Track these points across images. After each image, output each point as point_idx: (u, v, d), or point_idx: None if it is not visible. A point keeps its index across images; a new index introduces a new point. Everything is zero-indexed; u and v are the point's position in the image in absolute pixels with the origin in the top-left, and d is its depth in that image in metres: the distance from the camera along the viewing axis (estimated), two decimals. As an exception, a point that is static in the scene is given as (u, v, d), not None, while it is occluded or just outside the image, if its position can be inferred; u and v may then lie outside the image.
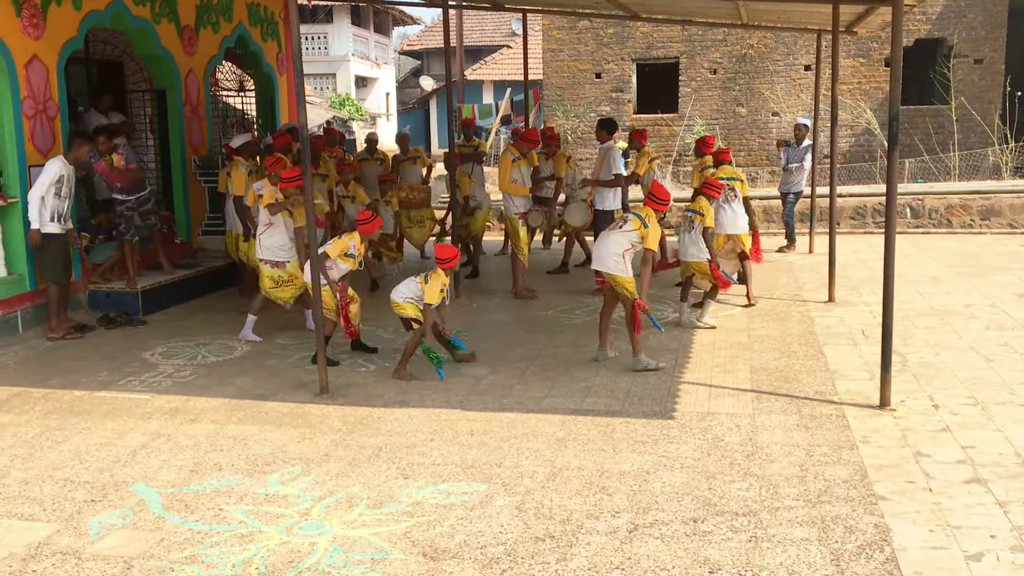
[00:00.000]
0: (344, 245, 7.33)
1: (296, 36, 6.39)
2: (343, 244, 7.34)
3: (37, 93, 8.97)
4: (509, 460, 5.30)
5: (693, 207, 8.50)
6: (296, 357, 7.78)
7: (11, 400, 6.73)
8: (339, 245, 7.34)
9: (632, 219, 7.09)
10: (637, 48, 21.48)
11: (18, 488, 5.09)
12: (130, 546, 4.34)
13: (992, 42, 19.86)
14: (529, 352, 7.74)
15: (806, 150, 12.54)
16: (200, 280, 10.55)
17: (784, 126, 20.23)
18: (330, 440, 5.72)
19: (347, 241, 7.35)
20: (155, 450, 5.63)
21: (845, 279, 10.33)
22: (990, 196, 14.33)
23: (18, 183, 8.76)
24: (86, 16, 9.59)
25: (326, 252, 7.24)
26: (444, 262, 7.08)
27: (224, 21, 12.16)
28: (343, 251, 7.31)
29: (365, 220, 7.37)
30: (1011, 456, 5.17)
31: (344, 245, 7.33)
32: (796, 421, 5.82)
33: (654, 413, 6.05)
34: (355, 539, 4.36)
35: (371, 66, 37.88)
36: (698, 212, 8.41)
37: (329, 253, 7.25)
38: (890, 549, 4.10)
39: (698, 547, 4.17)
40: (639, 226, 7.01)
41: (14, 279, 8.81)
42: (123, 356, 7.94)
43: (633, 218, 7.09)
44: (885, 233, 5.99)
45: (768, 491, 4.76)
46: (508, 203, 10.05)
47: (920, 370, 6.91)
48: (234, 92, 13.93)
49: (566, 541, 4.27)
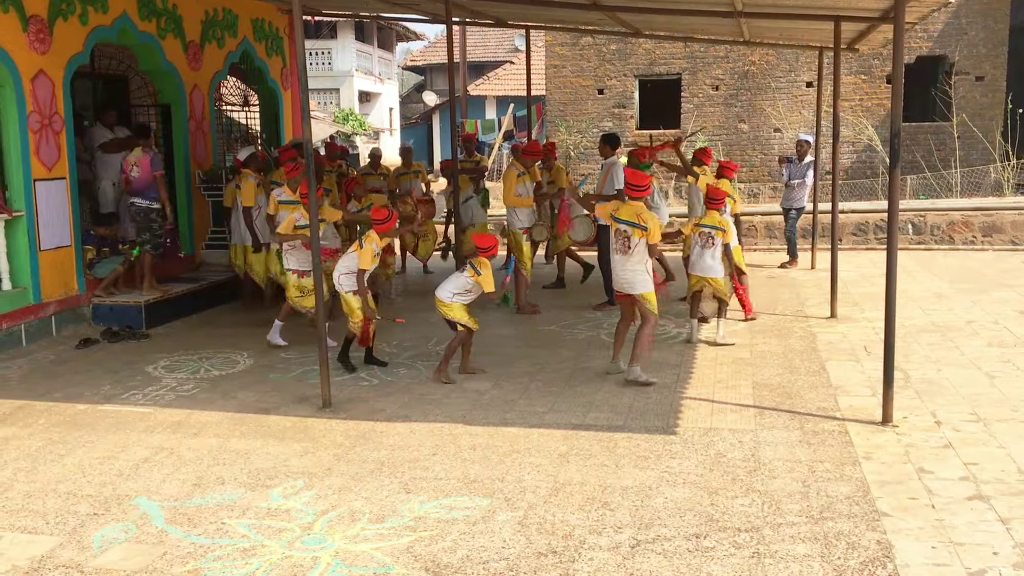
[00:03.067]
0: (369, 252, 7.31)
1: (301, 52, 6.44)
2: (368, 251, 7.30)
3: (43, 107, 9.03)
4: (511, 475, 5.30)
5: (708, 222, 8.38)
6: (299, 371, 7.79)
7: (15, 413, 6.74)
8: (366, 255, 7.29)
9: (631, 231, 6.97)
10: (639, 64, 21.57)
11: (21, 501, 5.10)
12: (133, 560, 4.34)
13: (993, 59, 19.93)
14: (531, 367, 7.75)
15: (808, 166, 12.58)
16: (203, 294, 10.57)
17: (786, 142, 20.28)
18: (332, 454, 5.73)
19: (369, 247, 7.32)
20: (158, 464, 5.64)
21: (847, 295, 10.33)
22: (992, 213, 14.34)
23: (23, 197, 8.80)
24: (92, 31, 9.66)
25: (361, 268, 7.26)
26: (486, 250, 7.15)
27: (229, 37, 12.23)
28: (372, 256, 7.34)
29: (382, 219, 7.40)
30: (1014, 473, 5.17)
31: (369, 252, 7.31)
32: (799, 437, 5.82)
33: (656, 428, 6.05)
34: (357, 553, 4.36)
35: (375, 81, 38.04)
36: (718, 228, 8.34)
37: (364, 267, 7.27)
38: (892, 566, 4.10)
39: (700, 563, 4.17)
40: (640, 234, 6.93)
41: (18, 292, 8.84)
42: (126, 370, 7.96)
43: (632, 230, 6.96)
44: (887, 249, 6.00)
45: (770, 507, 4.76)
46: (512, 218, 10.09)
47: (922, 386, 6.91)
48: (238, 107, 13.99)
49: (568, 556, 4.27)
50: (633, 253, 6.99)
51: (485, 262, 7.16)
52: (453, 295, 7.20)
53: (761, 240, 14.58)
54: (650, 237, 6.91)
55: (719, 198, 8.44)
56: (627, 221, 7.01)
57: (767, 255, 13.79)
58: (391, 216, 7.48)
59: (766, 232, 14.65)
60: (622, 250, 7.05)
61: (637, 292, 7.04)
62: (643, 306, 7.07)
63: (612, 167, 10.13)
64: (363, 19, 32.16)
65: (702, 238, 8.42)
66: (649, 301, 7.04)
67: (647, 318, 7.08)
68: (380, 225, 7.40)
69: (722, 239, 8.37)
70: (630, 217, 6.99)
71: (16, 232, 8.87)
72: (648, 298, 7.04)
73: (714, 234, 8.35)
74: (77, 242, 9.51)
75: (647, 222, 6.92)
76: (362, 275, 7.30)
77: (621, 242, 7.07)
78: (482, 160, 13.21)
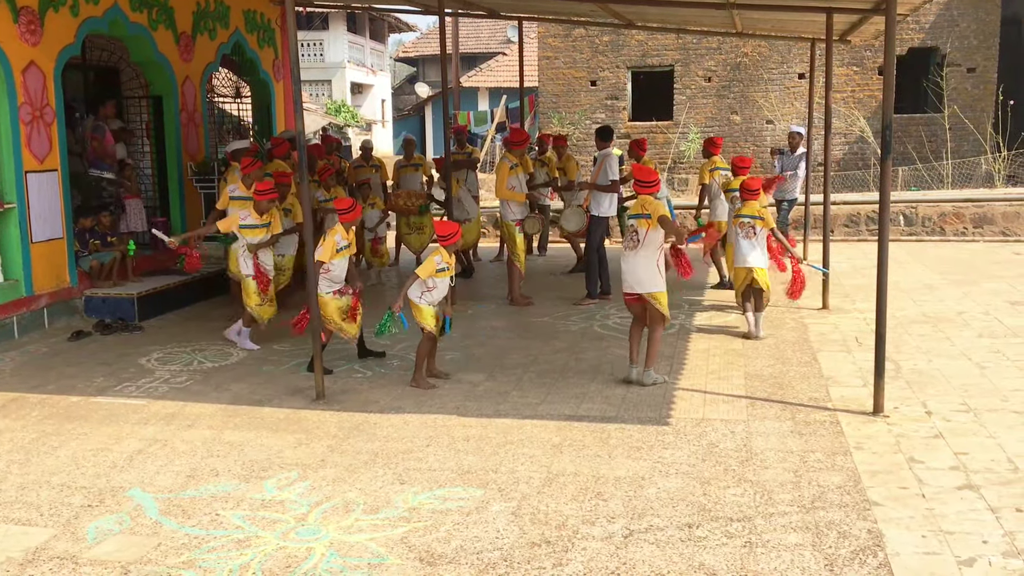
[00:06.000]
0: (331, 244, 7.12)
1: (293, 43, 6.42)
2: (331, 244, 7.12)
3: (34, 99, 8.99)
4: (505, 466, 5.32)
5: (747, 212, 8.22)
6: (292, 363, 7.80)
7: (7, 405, 6.73)
8: (328, 247, 7.10)
9: (638, 224, 6.79)
10: (632, 56, 21.55)
11: (15, 493, 5.10)
12: (127, 551, 4.35)
13: (985, 51, 19.97)
14: (525, 358, 7.77)
15: (800, 158, 12.60)
16: (196, 286, 10.56)
17: (778, 134, 20.29)
18: (326, 446, 5.74)
19: (332, 239, 7.14)
20: (152, 455, 5.64)
21: (839, 286, 10.37)
22: (983, 204, 14.40)
23: (15, 189, 8.77)
24: (83, 22, 9.62)
25: (319, 260, 7.00)
26: (444, 238, 6.83)
27: (221, 28, 12.19)
28: (333, 249, 7.12)
29: (346, 209, 7.21)
30: (1003, 462, 5.21)
31: (331, 244, 7.12)
32: (790, 427, 5.86)
33: (649, 419, 6.08)
34: (352, 544, 4.38)
35: (367, 73, 37.91)
36: (757, 217, 8.18)
37: (323, 259, 7.04)
38: (883, 554, 4.13)
39: (693, 552, 4.20)
40: (647, 224, 6.72)
41: (10, 285, 8.82)
42: (119, 362, 7.95)
43: (638, 222, 6.78)
44: (878, 240, 6.02)
45: (762, 497, 4.79)
46: (505, 210, 10.09)
47: (913, 377, 6.95)
48: (230, 99, 13.95)
49: (562, 546, 4.29)
50: (642, 247, 6.75)
51: (441, 250, 6.83)
52: (421, 296, 6.90)
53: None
54: (655, 220, 6.64)
55: (754, 188, 8.28)
56: (634, 215, 6.87)
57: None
58: (354, 206, 7.27)
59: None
60: (631, 246, 6.82)
61: (646, 291, 6.76)
62: (653, 307, 6.80)
63: (606, 158, 10.15)
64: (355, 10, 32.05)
65: (743, 229, 8.26)
66: (659, 301, 6.77)
67: (655, 321, 6.83)
68: (344, 215, 7.20)
69: (764, 227, 8.22)
70: (637, 210, 6.84)
71: (8, 224, 8.84)
72: (658, 297, 6.77)
73: (755, 224, 8.22)
74: (69, 234, 9.49)
75: (650, 209, 6.72)
76: (318, 266, 6.96)
77: (630, 238, 6.87)
78: (474, 152, 13.21)
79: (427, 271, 6.79)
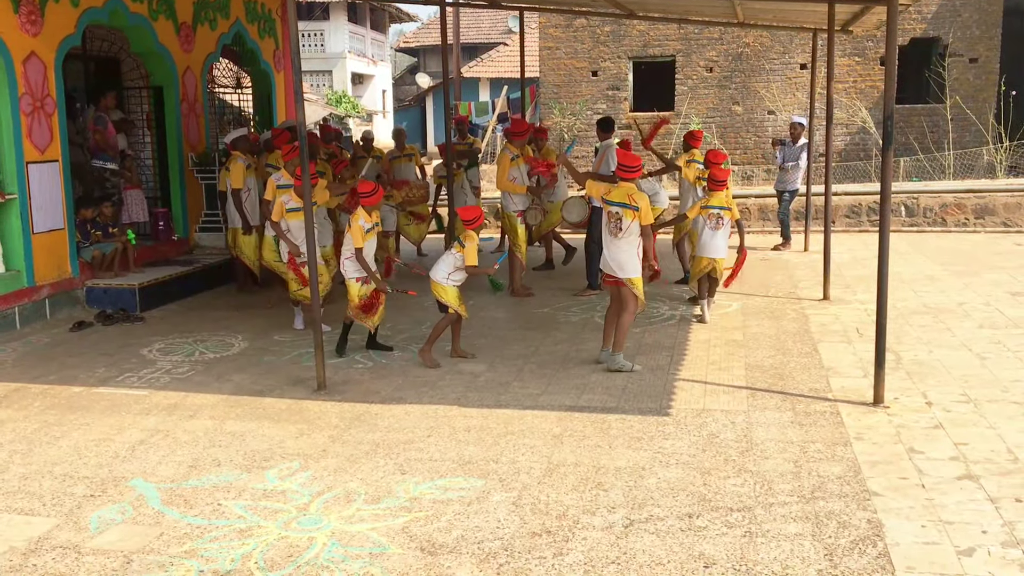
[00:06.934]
0: (358, 229, 7.19)
1: (294, 33, 6.41)
2: (357, 229, 7.19)
3: (35, 90, 8.99)
4: (506, 456, 5.34)
5: (715, 203, 8.38)
6: (294, 353, 7.81)
7: (10, 396, 6.75)
8: (356, 233, 7.18)
9: (623, 213, 6.86)
10: (634, 46, 21.50)
11: (18, 483, 5.12)
12: (130, 540, 4.37)
13: (987, 41, 19.92)
14: (526, 349, 7.78)
15: (802, 148, 12.59)
16: (197, 277, 10.57)
17: (780, 124, 20.27)
18: (328, 436, 5.76)
19: (356, 224, 7.20)
20: (154, 446, 5.66)
21: (840, 277, 10.37)
22: (984, 195, 14.38)
23: (16, 180, 8.78)
24: (84, 13, 9.61)
25: (356, 247, 7.17)
26: (470, 222, 7.14)
27: (221, 18, 12.17)
28: (361, 232, 7.19)
29: (368, 192, 7.26)
30: (1003, 453, 5.22)
31: (358, 229, 7.19)
32: (790, 418, 5.87)
33: (650, 410, 6.09)
34: (353, 534, 4.40)
35: (367, 63, 37.84)
36: (726, 208, 8.37)
37: (358, 246, 7.17)
38: (883, 544, 4.15)
39: (693, 542, 4.21)
40: (632, 215, 6.84)
41: (11, 275, 8.83)
42: (121, 352, 7.97)
43: (623, 211, 6.86)
44: (879, 231, 6.02)
45: (762, 487, 4.80)
46: (506, 201, 10.09)
47: (914, 368, 6.96)
48: (231, 89, 13.94)
49: (562, 536, 4.31)
50: (624, 235, 6.91)
51: (471, 235, 7.14)
52: (448, 277, 7.19)
53: (754, 222, 14.59)
54: (642, 218, 6.84)
55: (722, 179, 8.41)
56: (619, 203, 6.93)
57: (760, 237, 13.81)
58: (377, 189, 7.31)
59: (759, 214, 14.68)
60: (613, 232, 6.97)
61: (625, 275, 6.96)
62: (629, 290, 7.00)
63: (607, 150, 10.13)
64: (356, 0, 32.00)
65: (711, 219, 8.41)
66: (636, 286, 6.98)
67: (628, 303, 7.00)
68: (366, 198, 7.24)
69: (731, 218, 8.40)
70: (621, 199, 6.91)
71: (9, 215, 8.85)
72: (635, 283, 6.98)
73: (723, 214, 8.38)
74: (70, 225, 9.50)
75: (638, 202, 6.84)
76: (360, 254, 7.22)
77: (613, 224, 6.99)
78: (475, 142, 13.19)
79: (473, 258, 7.14)
